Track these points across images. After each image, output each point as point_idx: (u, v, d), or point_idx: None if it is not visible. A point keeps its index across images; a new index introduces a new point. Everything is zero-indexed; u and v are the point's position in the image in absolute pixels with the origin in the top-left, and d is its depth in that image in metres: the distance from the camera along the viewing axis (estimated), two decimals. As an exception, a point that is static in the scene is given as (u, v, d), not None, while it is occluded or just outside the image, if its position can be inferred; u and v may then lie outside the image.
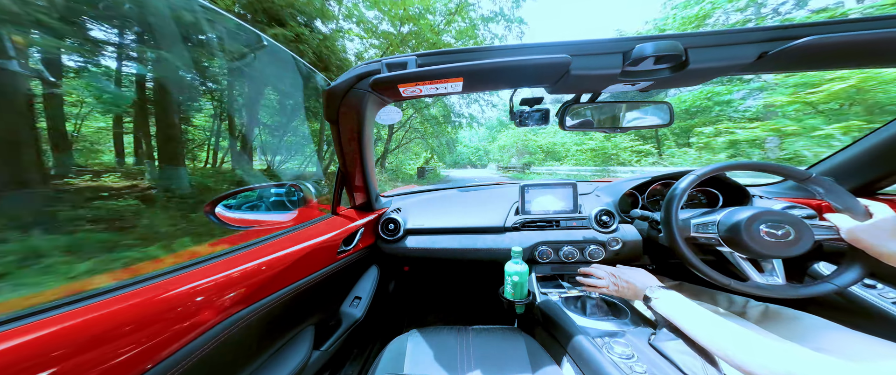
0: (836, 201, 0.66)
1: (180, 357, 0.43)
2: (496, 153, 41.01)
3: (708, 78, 0.58)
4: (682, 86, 0.64)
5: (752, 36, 0.51)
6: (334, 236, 0.83)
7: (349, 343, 0.88)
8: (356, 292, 0.98)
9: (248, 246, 0.65)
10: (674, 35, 0.52)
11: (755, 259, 0.70)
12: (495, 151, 41.73)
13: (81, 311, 0.37)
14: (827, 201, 0.68)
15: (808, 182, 0.69)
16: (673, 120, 0.84)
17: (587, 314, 0.76)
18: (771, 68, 0.56)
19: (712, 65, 0.53)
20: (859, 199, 0.64)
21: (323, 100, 0.66)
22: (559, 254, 0.98)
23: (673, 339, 0.60)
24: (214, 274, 0.51)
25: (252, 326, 0.57)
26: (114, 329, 0.37)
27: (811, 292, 0.64)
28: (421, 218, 1.09)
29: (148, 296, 0.42)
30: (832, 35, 0.48)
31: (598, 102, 0.76)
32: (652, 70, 0.56)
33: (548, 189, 1.07)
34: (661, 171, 1.10)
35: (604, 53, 0.54)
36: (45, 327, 0.33)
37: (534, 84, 0.63)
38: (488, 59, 0.53)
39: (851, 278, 0.62)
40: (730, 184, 1.02)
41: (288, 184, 0.93)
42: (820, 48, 0.49)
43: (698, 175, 0.77)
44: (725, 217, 0.71)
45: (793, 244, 0.64)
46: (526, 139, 29.28)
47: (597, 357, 0.59)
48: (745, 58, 0.52)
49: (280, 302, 0.63)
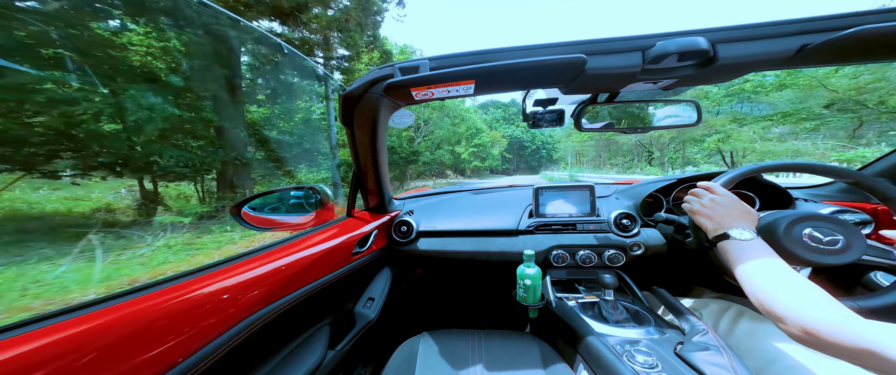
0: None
1: (207, 353, 0.45)
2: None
3: (740, 73, 0.55)
4: (710, 83, 0.60)
5: (789, 28, 0.48)
6: (349, 238, 0.84)
7: (362, 344, 0.89)
8: (369, 293, 1.00)
9: (270, 247, 0.68)
10: (700, 30, 0.49)
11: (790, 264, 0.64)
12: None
13: (110, 310, 0.40)
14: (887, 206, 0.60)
15: (891, 202, 0.59)
16: (701, 119, 0.79)
17: (607, 320, 0.73)
18: (812, 62, 0.52)
19: (745, 61, 0.50)
20: None
21: (338, 104, 0.68)
22: (575, 258, 0.95)
23: (705, 350, 0.56)
24: (238, 273, 0.54)
25: (271, 325, 0.59)
26: (143, 329, 0.40)
27: (881, 303, 0.57)
28: (433, 221, 1.09)
29: (175, 295, 0.45)
30: (883, 24, 0.44)
31: (617, 102, 0.73)
32: (675, 67, 0.53)
33: (563, 191, 1.05)
34: (688, 173, 1.04)
35: (621, 51, 0.52)
36: (80, 324, 0.36)
37: (548, 85, 0.62)
38: (500, 61, 0.53)
39: None
40: (767, 185, 0.95)
41: (306, 187, 0.96)
42: (868, 39, 0.45)
43: (743, 171, 0.69)
44: (766, 215, 0.66)
45: (839, 252, 0.58)
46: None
47: (617, 366, 0.56)
48: (784, 52, 0.48)
49: (297, 302, 0.65)
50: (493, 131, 38.06)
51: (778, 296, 0.45)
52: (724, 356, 0.55)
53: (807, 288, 0.44)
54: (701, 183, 0.68)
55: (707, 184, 0.66)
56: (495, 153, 33.74)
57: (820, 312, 0.41)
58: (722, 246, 0.57)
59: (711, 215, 0.60)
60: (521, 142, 69.77)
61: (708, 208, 0.62)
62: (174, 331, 0.42)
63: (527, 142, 69.81)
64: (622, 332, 0.68)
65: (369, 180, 0.92)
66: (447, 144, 23.26)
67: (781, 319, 0.43)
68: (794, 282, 0.45)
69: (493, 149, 32.35)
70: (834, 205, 0.92)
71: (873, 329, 0.36)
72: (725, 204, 0.60)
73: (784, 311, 0.43)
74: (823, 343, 0.39)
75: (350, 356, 0.84)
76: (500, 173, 56.38)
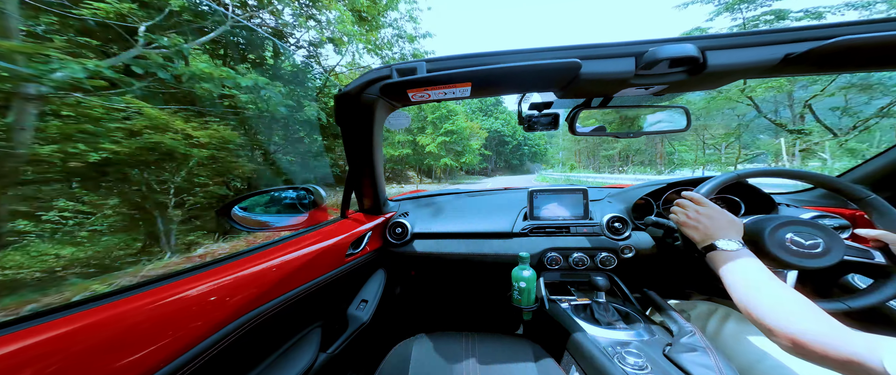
0: (886, 223, 0.62)
1: (192, 356, 0.44)
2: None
3: (728, 81, 0.56)
4: (699, 89, 0.62)
5: (774, 37, 0.50)
6: (342, 239, 0.83)
7: (355, 346, 0.88)
8: (363, 295, 0.99)
9: (260, 248, 0.66)
10: (690, 37, 0.51)
11: (772, 268, 0.67)
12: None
13: (95, 312, 0.38)
14: (874, 220, 0.63)
15: (864, 203, 0.64)
16: (690, 124, 0.81)
17: (599, 322, 0.74)
18: (796, 70, 0.54)
19: (733, 68, 0.51)
20: None
21: (334, 104, 0.68)
22: (569, 261, 0.96)
23: (692, 351, 0.57)
24: (227, 275, 0.53)
25: (261, 327, 0.58)
26: (128, 330, 0.39)
27: (865, 303, 0.61)
28: (428, 222, 1.09)
29: (161, 296, 0.44)
30: (864, 35, 0.46)
31: (610, 107, 0.74)
32: (666, 73, 0.55)
33: (557, 195, 1.06)
34: (677, 178, 1.07)
35: (615, 56, 0.53)
36: (58, 327, 0.35)
37: (543, 88, 0.63)
38: (497, 64, 0.53)
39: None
40: (752, 190, 0.98)
41: (300, 188, 0.95)
42: (851, 49, 0.47)
43: (727, 178, 0.72)
44: (750, 222, 0.68)
45: (820, 255, 0.60)
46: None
47: (608, 368, 0.57)
48: (769, 60, 0.50)
49: (288, 304, 0.64)
50: (471, 122, 29.21)
51: (766, 309, 0.46)
52: (710, 357, 0.56)
53: (793, 299, 0.46)
54: (686, 193, 0.70)
55: (693, 195, 0.68)
56: (474, 145, 25.82)
57: (807, 323, 0.42)
58: (710, 257, 0.59)
59: (698, 226, 0.62)
60: (501, 137, 54.42)
61: (694, 220, 0.64)
62: (156, 335, 0.41)
63: (507, 137, 54.48)
64: (613, 334, 0.69)
65: (364, 181, 0.91)
66: (403, 133, 16.00)
67: (771, 331, 0.45)
68: (780, 294, 0.47)
69: (470, 140, 24.77)
70: (814, 210, 0.95)
71: (858, 340, 0.37)
72: (711, 215, 0.63)
73: (772, 323, 0.45)
74: (812, 354, 0.40)
75: (342, 358, 0.83)
76: (477, 174, 45.64)
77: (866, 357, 0.35)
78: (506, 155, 58.52)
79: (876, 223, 0.63)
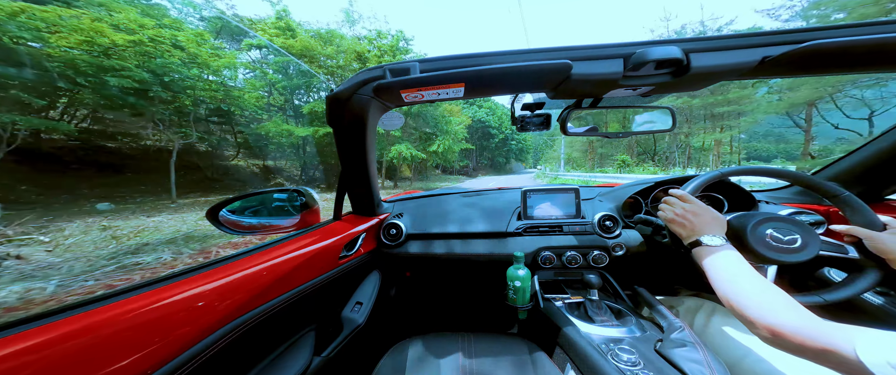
0: (858, 218, 0.65)
1: (182, 362, 0.43)
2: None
3: (710, 82, 0.58)
4: (683, 90, 0.64)
5: (753, 40, 0.51)
6: (336, 241, 0.82)
7: (350, 349, 0.87)
8: (357, 297, 0.98)
9: (251, 251, 0.65)
10: (675, 40, 0.52)
11: (754, 263, 0.70)
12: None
13: (85, 316, 0.37)
14: (847, 216, 0.67)
15: (838, 200, 0.68)
16: (676, 124, 0.83)
17: (592, 320, 0.75)
18: (773, 73, 0.56)
19: (714, 70, 0.53)
20: (879, 216, 0.64)
21: (326, 106, 0.67)
22: (562, 259, 0.97)
23: (682, 346, 0.59)
24: (216, 279, 0.51)
25: (253, 331, 0.56)
26: (116, 334, 0.37)
27: (841, 296, 0.63)
28: (423, 223, 1.08)
29: (150, 301, 0.42)
30: (833, 39, 0.48)
31: (600, 107, 0.76)
32: (653, 74, 0.56)
33: (550, 194, 1.07)
34: (665, 177, 1.09)
35: (605, 58, 0.54)
36: (49, 331, 0.33)
37: (535, 89, 0.63)
38: (489, 65, 0.54)
39: (869, 283, 0.61)
40: (734, 188, 1.01)
41: (291, 190, 0.93)
42: (821, 53, 0.49)
43: (710, 176, 0.76)
44: (734, 218, 0.70)
45: (798, 251, 0.63)
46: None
47: (602, 365, 0.58)
48: (747, 63, 0.52)
49: (281, 307, 0.62)
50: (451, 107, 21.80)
51: (747, 302, 0.48)
52: (699, 352, 0.58)
53: (773, 293, 0.48)
54: (673, 191, 0.73)
55: (679, 193, 0.71)
56: (457, 128, 19.81)
57: (786, 316, 0.44)
58: (696, 252, 0.61)
59: (685, 223, 0.65)
60: (486, 128, 43.28)
61: (681, 216, 0.66)
62: (142, 342, 0.39)
63: (493, 129, 43.46)
64: (606, 331, 0.70)
65: (358, 182, 0.90)
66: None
67: (752, 322, 0.47)
68: (761, 288, 0.49)
69: (454, 126, 19.32)
70: (791, 207, 0.99)
71: (834, 331, 0.39)
72: (697, 212, 0.65)
73: (753, 315, 0.47)
74: (789, 345, 0.42)
75: (337, 362, 0.81)
76: (456, 173, 36.05)
77: (841, 347, 0.37)
78: (491, 150, 47.85)
79: (849, 218, 0.66)
